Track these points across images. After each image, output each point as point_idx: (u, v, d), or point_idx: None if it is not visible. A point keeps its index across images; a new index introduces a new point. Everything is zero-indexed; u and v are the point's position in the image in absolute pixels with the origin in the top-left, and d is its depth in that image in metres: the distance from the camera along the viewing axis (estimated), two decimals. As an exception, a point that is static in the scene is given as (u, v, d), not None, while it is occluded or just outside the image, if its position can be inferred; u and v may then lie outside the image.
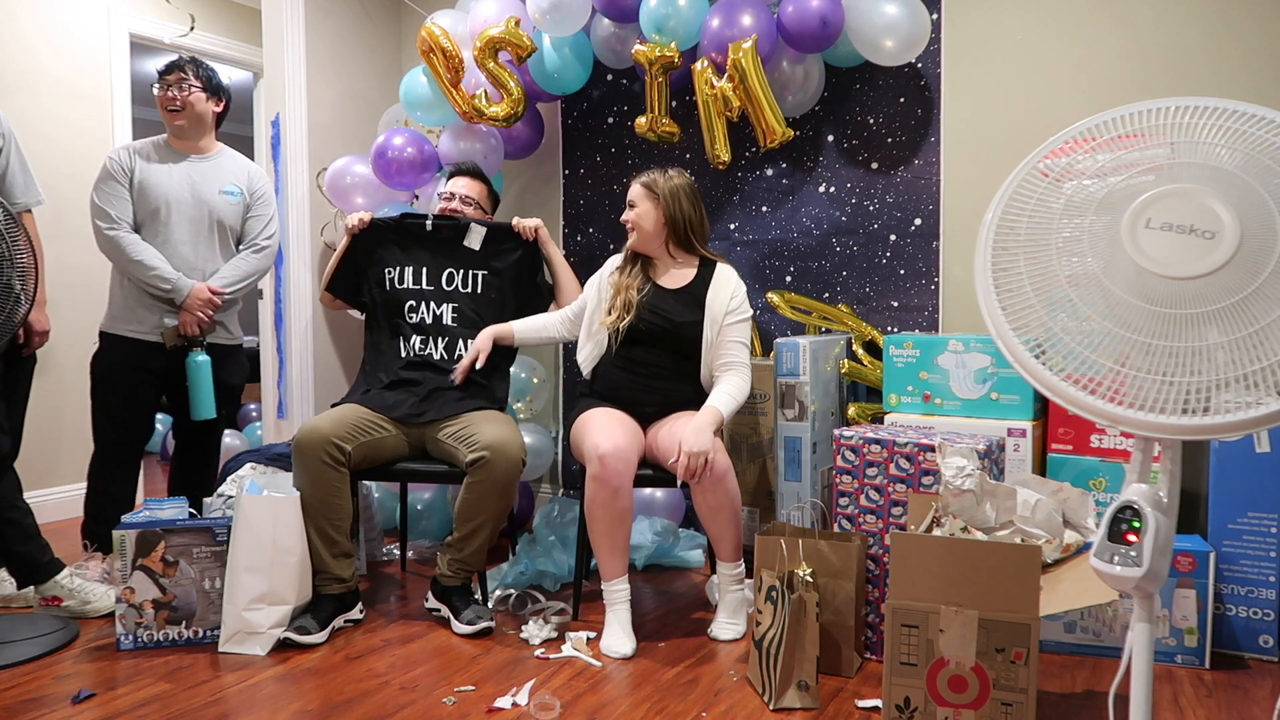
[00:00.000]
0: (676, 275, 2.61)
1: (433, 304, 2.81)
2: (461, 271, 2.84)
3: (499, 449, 2.44)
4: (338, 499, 2.48)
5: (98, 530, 2.81)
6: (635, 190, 2.60)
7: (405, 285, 2.83)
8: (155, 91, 2.83)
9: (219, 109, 2.93)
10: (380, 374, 2.77)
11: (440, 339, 2.78)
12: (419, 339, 2.78)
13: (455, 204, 2.90)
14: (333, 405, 2.70)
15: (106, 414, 2.82)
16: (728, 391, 2.45)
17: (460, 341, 2.78)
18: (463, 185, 2.92)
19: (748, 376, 2.52)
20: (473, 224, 2.84)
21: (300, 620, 2.40)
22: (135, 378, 2.80)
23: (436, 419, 2.63)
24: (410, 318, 2.80)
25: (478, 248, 2.84)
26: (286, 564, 2.38)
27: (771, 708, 2.00)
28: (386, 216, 2.90)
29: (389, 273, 2.85)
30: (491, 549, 2.57)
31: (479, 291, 2.84)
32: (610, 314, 2.57)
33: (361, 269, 2.88)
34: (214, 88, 2.89)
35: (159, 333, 2.78)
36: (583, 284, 2.82)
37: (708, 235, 2.68)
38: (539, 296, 2.92)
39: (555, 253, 2.92)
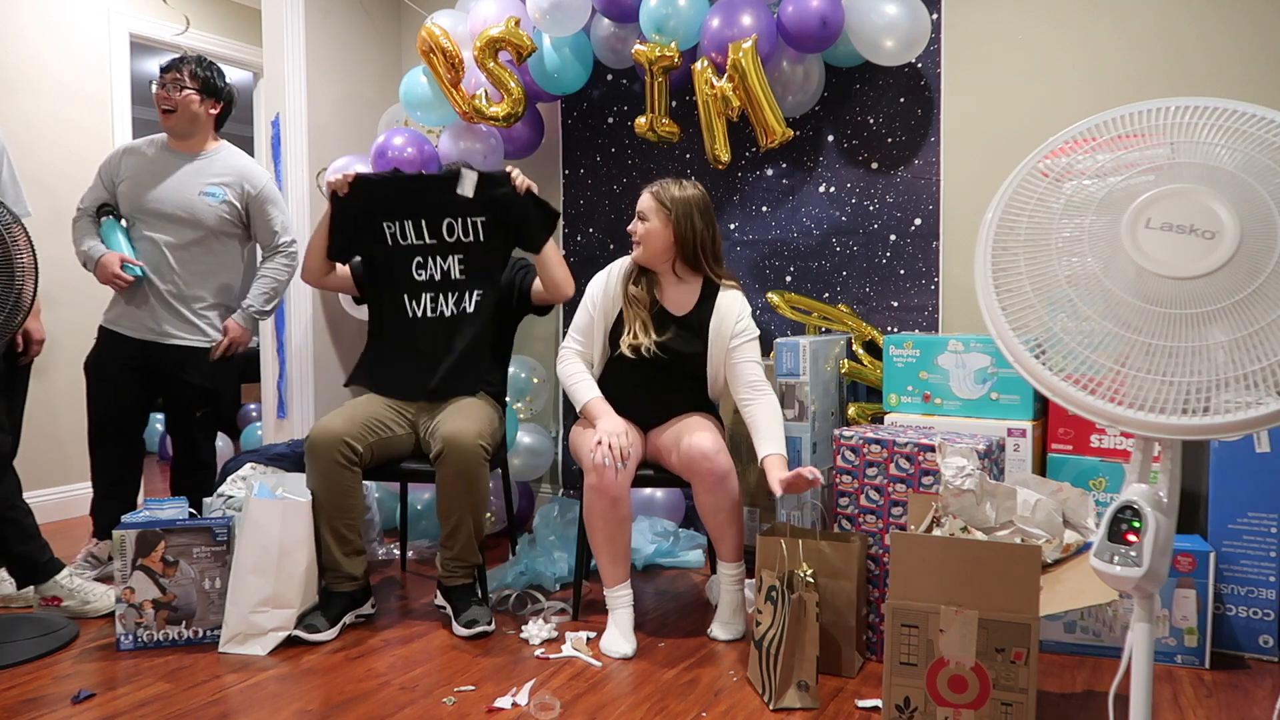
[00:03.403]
0: (680, 297, 2.52)
1: (438, 258, 2.68)
2: (460, 220, 2.67)
3: (452, 440, 2.42)
4: (351, 499, 2.47)
5: (102, 523, 2.88)
6: (646, 201, 2.48)
7: (410, 241, 2.67)
8: (153, 90, 2.84)
9: (215, 110, 2.90)
10: (391, 343, 2.70)
11: (451, 294, 2.69)
12: (429, 296, 2.68)
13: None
14: (347, 383, 2.68)
15: (95, 409, 2.84)
16: (773, 429, 2.35)
17: (467, 295, 2.68)
18: None
19: (774, 394, 2.44)
20: (463, 170, 2.64)
21: (310, 618, 2.40)
22: (123, 375, 2.81)
23: (434, 401, 2.63)
24: (419, 275, 2.68)
25: (471, 194, 2.64)
26: (292, 568, 2.38)
27: (772, 708, 2.00)
28: (372, 173, 2.72)
29: (389, 228, 2.68)
30: (492, 549, 2.57)
31: (482, 239, 2.68)
32: (624, 335, 2.48)
33: (359, 228, 2.69)
34: (211, 89, 2.86)
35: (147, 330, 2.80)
36: (577, 280, 2.78)
37: (721, 254, 2.55)
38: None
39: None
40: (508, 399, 2.95)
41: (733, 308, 2.49)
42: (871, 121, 2.99)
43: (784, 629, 1.99)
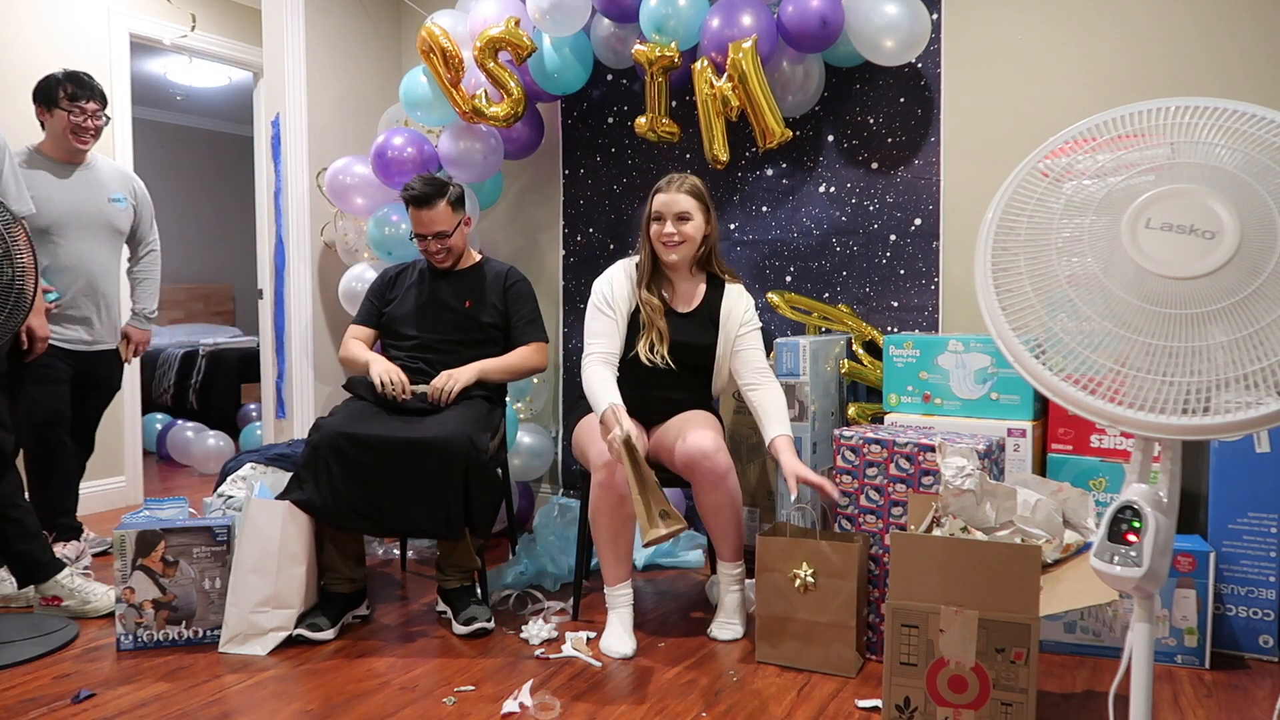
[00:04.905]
0: (687, 294, 2.54)
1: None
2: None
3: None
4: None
5: (51, 523, 2.95)
6: (685, 201, 2.44)
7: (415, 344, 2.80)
8: (71, 116, 2.81)
9: None
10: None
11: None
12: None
13: (433, 246, 2.73)
14: (345, 386, 2.75)
15: (43, 435, 2.90)
16: (780, 412, 2.39)
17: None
18: (429, 221, 2.69)
19: (778, 382, 2.50)
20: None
21: (311, 618, 2.41)
22: (59, 394, 2.88)
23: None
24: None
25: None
26: (293, 569, 2.38)
27: (644, 542, 2.08)
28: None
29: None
30: (491, 549, 2.57)
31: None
32: (640, 340, 2.46)
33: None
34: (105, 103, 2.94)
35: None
36: (575, 279, 2.78)
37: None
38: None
39: (483, 372, 2.69)
40: (507, 399, 2.95)
41: (741, 299, 2.54)
42: (871, 121, 2.99)
43: (630, 472, 2.10)
